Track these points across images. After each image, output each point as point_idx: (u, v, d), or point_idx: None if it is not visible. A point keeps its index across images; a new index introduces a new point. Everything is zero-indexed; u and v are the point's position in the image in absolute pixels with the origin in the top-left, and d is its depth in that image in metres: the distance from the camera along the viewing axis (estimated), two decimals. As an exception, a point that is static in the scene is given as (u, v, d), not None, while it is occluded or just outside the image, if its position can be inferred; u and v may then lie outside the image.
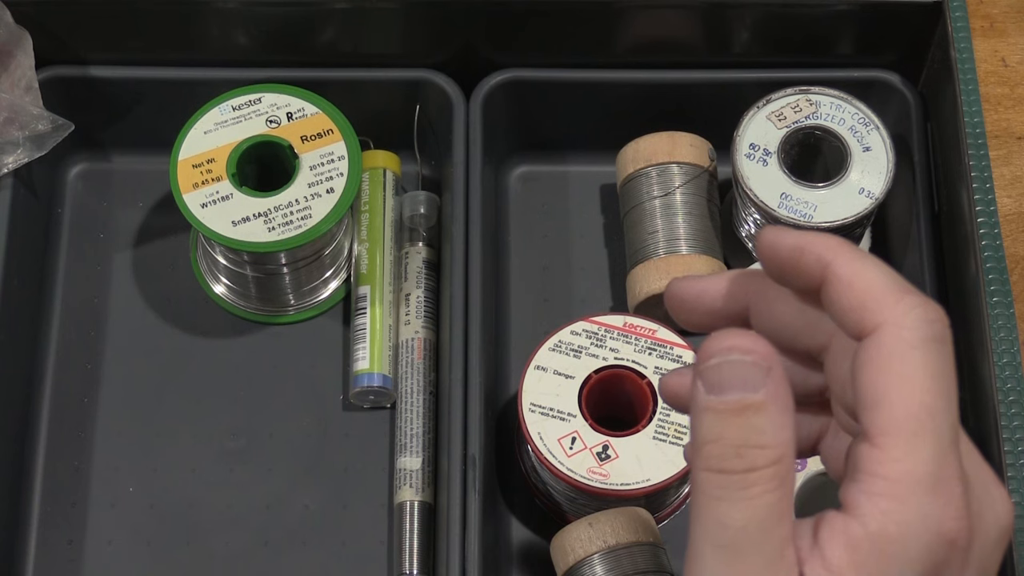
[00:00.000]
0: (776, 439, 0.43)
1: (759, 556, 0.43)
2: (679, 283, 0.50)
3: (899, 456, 0.43)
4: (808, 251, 0.46)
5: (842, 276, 0.45)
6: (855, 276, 0.45)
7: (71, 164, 0.86)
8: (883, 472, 0.43)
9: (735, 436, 0.43)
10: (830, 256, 0.46)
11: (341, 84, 0.82)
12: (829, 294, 0.46)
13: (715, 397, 0.43)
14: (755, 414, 0.43)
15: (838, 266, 0.46)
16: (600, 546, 0.71)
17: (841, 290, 0.45)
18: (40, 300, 0.83)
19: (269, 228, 0.77)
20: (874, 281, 0.45)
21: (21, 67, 0.79)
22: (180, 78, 0.83)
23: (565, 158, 0.86)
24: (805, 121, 0.78)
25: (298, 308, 0.83)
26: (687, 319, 0.51)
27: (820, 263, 0.46)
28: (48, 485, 0.79)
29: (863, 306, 0.45)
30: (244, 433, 0.80)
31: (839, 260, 0.46)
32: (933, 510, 0.43)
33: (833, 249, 0.46)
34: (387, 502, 0.79)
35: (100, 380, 0.81)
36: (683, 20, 0.82)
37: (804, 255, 0.46)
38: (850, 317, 0.45)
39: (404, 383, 0.79)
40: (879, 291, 0.45)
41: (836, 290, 0.45)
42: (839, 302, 0.45)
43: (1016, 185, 0.83)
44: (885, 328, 0.44)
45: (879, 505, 0.43)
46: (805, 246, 0.46)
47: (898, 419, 0.43)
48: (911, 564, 0.43)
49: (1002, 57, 0.87)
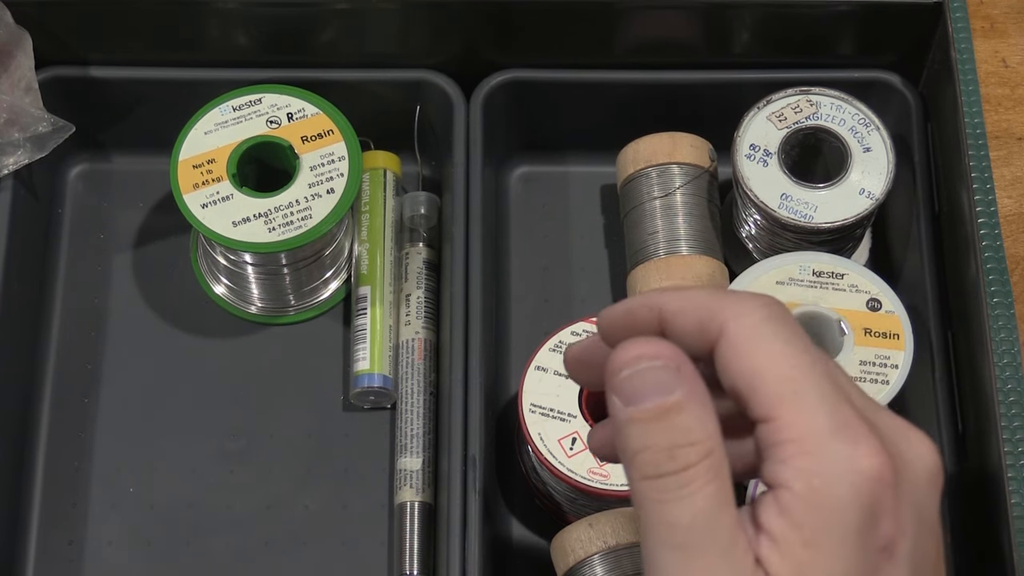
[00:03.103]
0: (703, 433, 0.45)
1: (713, 547, 0.44)
2: (573, 348, 0.52)
3: (793, 418, 0.45)
4: (635, 311, 0.48)
5: (674, 308, 0.47)
6: (684, 301, 0.47)
7: (71, 164, 0.86)
8: (786, 437, 0.45)
9: (663, 440, 0.44)
10: (655, 300, 0.48)
11: (341, 84, 0.82)
12: (671, 334, 0.48)
13: (634, 407, 0.45)
14: (677, 414, 0.44)
15: (665, 302, 0.48)
16: (600, 547, 0.71)
17: (679, 320, 0.47)
18: (40, 301, 0.83)
19: (269, 228, 0.77)
20: (701, 296, 0.47)
21: (21, 68, 0.79)
22: (180, 78, 0.83)
23: (565, 158, 0.86)
24: (805, 122, 0.78)
25: (298, 308, 0.83)
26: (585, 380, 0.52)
27: (651, 313, 0.48)
28: (48, 485, 0.79)
29: (700, 320, 0.47)
30: (244, 433, 0.80)
31: (665, 297, 0.48)
32: (845, 452, 0.45)
33: (657, 296, 0.48)
34: (387, 502, 0.79)
35: (100, 380, 0.81)
36: (683, 20, 0.82)
37: (632, 316, 0.48)
38: (697, 338, 0.47)
39: (404, 384, 0.79)
40: (709, 301, 0.47)
41: (674, 325, 0.47)
42: (683, 329, 0.47)
43: (1016, 186, 0.83)
44: (727, 323, 0.46)
45: (795, 466, 0.45)
46: (631, 308, 0.48)
47: (775, 387, 0.45)
48: (845, 509, 0.44)
49: (1003, 58, 0.87)
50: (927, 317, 0.78)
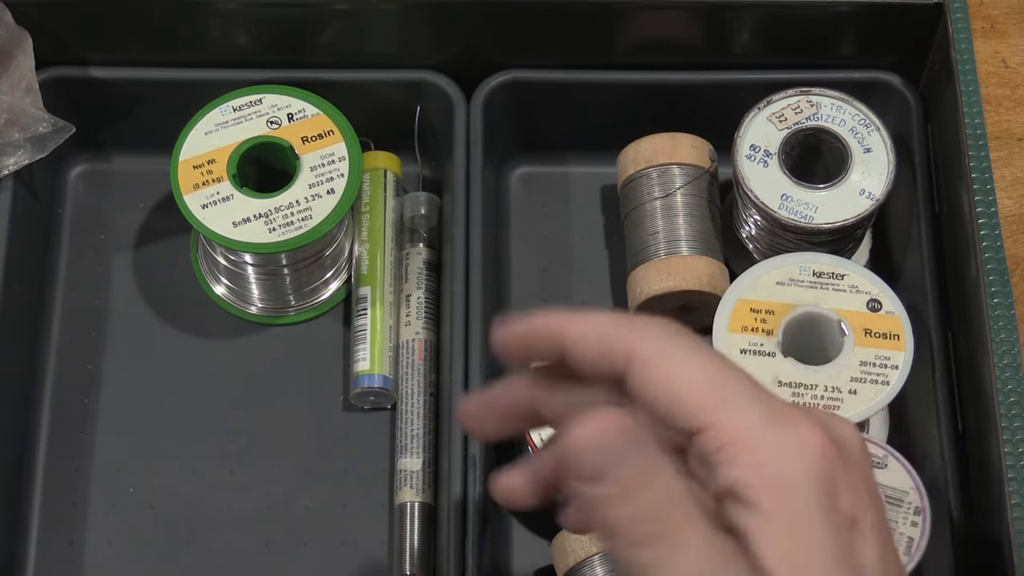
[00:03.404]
0: (669, 488, 0.46)
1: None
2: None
3: (727, 421, 0.46)
4: (534, 334, 0.49)
5: (575, 335, 0.48)
6: (586, 327, 0.48)
7: (72, 165, 0.86)
8: (726, 440, 0.46)
9: (640, 507, 0.46)
10: (556, 326, 0.49)
11: (342, 85, 0.82)
12: (576, 364, 0.49)
13: (602, 487, 0.46)
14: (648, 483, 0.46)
15: (566, 328, 0.49)
16: (600, 547, 0.71)
17: (579, 345, 0.48)
18: (41, 301, 0.83)
19: (270, 229, 0.77)
20: (603, 322, 0.48)
21: (21, 68, 0.79)
22: (180, 79, 0.83)
23: (565, 159, 0.86)
24: (806, 122, 0.78)
25: (299, 309, 0.83)
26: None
27: (550, 336, 0.49)
28: (48, 486, 0.79)
29: (603, 347, 0.48)
30: (244, 433, 0.80)
31: (565, 322, 0.49)
32: (786, 437, 0.46)
33: (554, 320, 0.49)
34: (387, 503, 0.79)
35: (101, 380, 0.81)
36: (683, 21, 0.82)
37: (533, 338, 0.50)
38: (599, 363, 0.48)
39: (404, 384, 0.79)
40: (612, 326, 0.48)
41: (576, 348, 0.48)
42: (584, 355, 0.48)
43: (1017, 186, 0.83)
44: (635, 346, 0.47)
45: (744, 463, 0.45)
46: (530, 332, 0.50)
47: (701, 398, 0.46)
48: (805, 488, 0.45)
49: (1003, 58, 0.87)
50: (927, 317, 0.78)
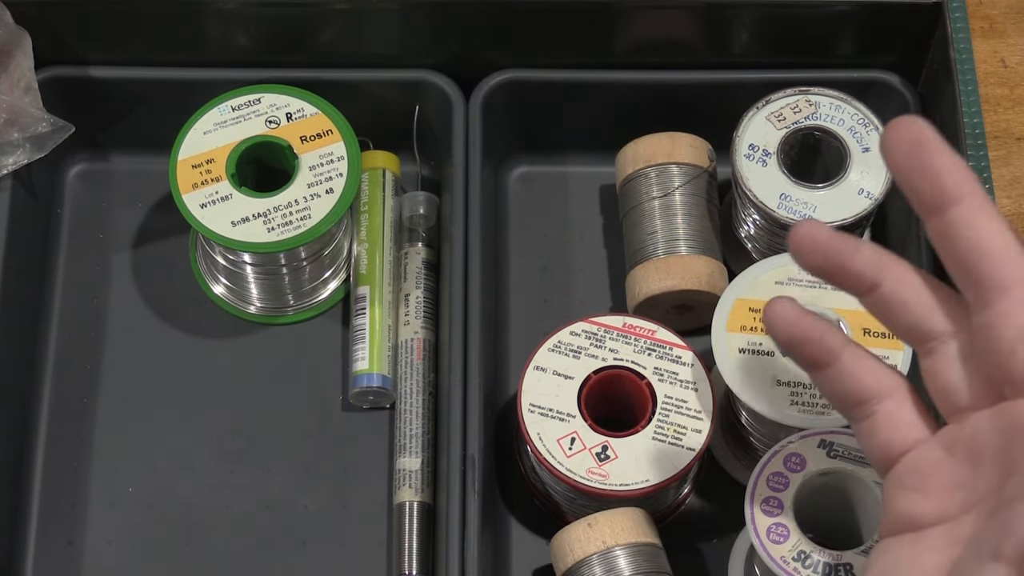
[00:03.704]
0: None
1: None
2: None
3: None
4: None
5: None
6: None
7: (71, 164, 0.86)
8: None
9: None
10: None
11: (341, 84, 0.82)
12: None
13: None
14: None
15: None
16: (599, 547, 0.71)
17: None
18: (40, 300, 0.83)
19: (268, 228, 0.77)
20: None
21: (20, 68, 0.79)
22: (180, 78, 0.83)
23: (565, 158, 0.86)
24: (804, 122, 0.78)
25: (297, 308, 0.83)
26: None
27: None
28: (48, 485, 0.79)
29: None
30: (243, 433, 0.80)
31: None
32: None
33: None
34: (386, 503, 0.79)
35: (100, 380, 0.81)
36: (683, 20, 0.82)
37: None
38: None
39: (403, 383, 0.79)
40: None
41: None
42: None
43: (1015, 186, 0.83)
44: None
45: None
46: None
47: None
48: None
49: (1002, 58, 0.87)
50: (926, 317, 0.78)
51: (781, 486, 0.69)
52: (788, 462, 0.69)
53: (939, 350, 0.53)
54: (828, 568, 0.67)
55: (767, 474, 0.69)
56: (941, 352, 0.53)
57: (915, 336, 0.54)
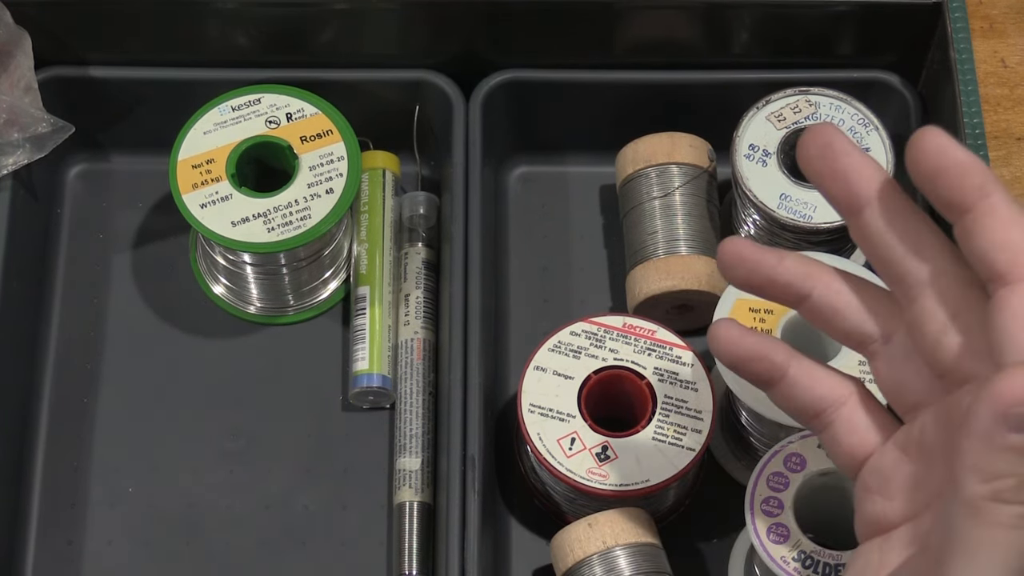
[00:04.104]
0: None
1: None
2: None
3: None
4: (973, 174, 0.48)
5: (1001, 213, 0.47)
6: (1014, 217, 0.47)
7: (71, 164, 0.86)
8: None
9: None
10: (991, 188, 0.47)
11: (341, 85, 0.82)
12: (979, 224, 0.47)
13: (1019, 436, 0.44)
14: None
15: (998, 201, 0.47)
16: (599, 547, 0.71)
17: (997, 226, 0.47)
18: (40, 300, 0.83)
19: (268, 228, 0.77)
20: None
21: (20, 68, 0.79)
22: (180, 78, 0.83)
23: (565, 158, 0.86)
24: (805, 122, 0.78)
25: (297, 309, 0.83)
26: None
27: (980, 191, 0.47)
28: (47, 485, 0.79)
29: (1017, 249, 0.46)
30: (244, 433, 0.80)
31: (999, 195, 0.47)
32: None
33: (994, 182, 0.48)
34: (387, 503, 0.79)
35: (100, 380, 0.81)
36: (683, 20, 0.82)
37: (968, 176, 0.48)
38: (999, 255, 0.47)
39: (403, 384, 0.80)
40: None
41: (990, 223, 0.47)
42: (990, 236, 0.47)
43: (1015, 186, 0.83)
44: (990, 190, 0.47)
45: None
46: (972, 167, 0.48)
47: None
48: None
49: (1002, 58, 0.87)
50: (926, 317, 0.78)
51: (781, 486, 0.69)
52: (788, 462, 0.69)
53: (881, 352, 0.53)
54: (828, 568, 0.67)
55: (767, 474, 0.69)
56: (883, 354, 0.53)
57: (854, 341, 0.54)
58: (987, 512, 0.44)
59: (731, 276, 0.54)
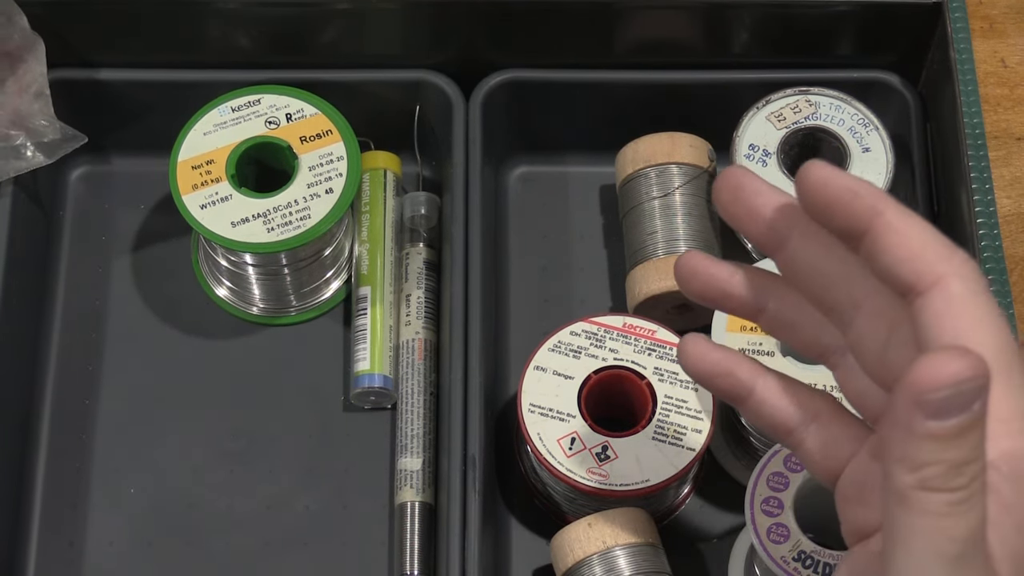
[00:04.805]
0: (984, 448, 0.44)
1: (980, 558, 0.44)
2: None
3: (1001, 394, 0.44)
4: (862, 196, 0.47)
5: (897, 227, 0.46)
6: (910, 228, 0.46)
7: (72, 166, 0.86)
8: (992, 415, 0.44)
9: (957, 456, 0.43)
10: (883, 206, 0.47)
11: (341, 85, 0.82)
12: (879, 243, 0.46)
13: (937, 423, 0.43)
14: (972, 431, 0.43)
15: (892, 216, 0.46)
16: (599, 547, 0.71)
17: (896, 240, 0.46)
18: (41, 302, 0.83)
19: (268, 229, 0.77)
20: (928, 235, 0.46)
21: (32, 72, 0.79)
22: (179, 80, 0.83)
23: (565, 158, 0.87)
24: (804, 122, 0.78)
25: (299, 309, 0.83)
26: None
27: (872, 211, 0.47)
28: (49, 486, 0.79)
29: (920, 257, 0.46)
30: (245, 434, 0.80)
31: (891, 211, 0.47)
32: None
33: (884, 199, 0.47)
34: (388, 503, 0.79)
35: (101, 382, 0.82)
36: (683, 20, 0.82)
37: (857, 199, 0.47)
38: (905, 267, 0.46)
39: (405, 384, 0.80)
40: (934, 245, 0.46)
41: (889, 240, 0.46)
42: (892, 252, 0.46)
43: (1015, 186, 0.83)
44: (949, 279, 0.45)
45: (1000, 447, 0.44)
46: (859, 190, 0.47)
47: (988, 360, 0.43)
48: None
49: (1001, 58, 0.87)
50: (926, 317, 0.78)
51: (781, 486, 0.69)
52: (788, 462, 0.69)
53: (842, 363, 0.53)
54: (828, 568, 0.67)
55: (767, 474, 0.69)
56: (844, 364, 0.53)
57: (814, 352, 0.53)
58: (916, 501, 0.44)
59: (687, 290, 0.54)
